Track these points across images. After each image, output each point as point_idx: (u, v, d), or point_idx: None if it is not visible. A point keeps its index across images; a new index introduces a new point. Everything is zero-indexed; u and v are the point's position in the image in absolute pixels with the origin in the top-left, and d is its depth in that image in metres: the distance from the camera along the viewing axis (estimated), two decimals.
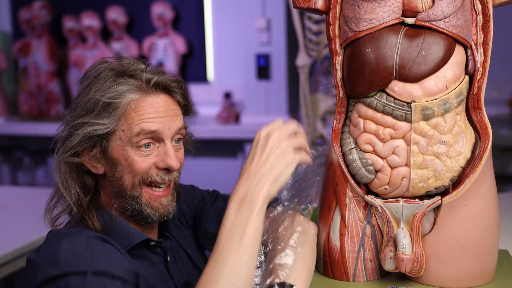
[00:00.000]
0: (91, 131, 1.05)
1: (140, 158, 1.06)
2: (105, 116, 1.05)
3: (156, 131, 1.06)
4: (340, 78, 1.09)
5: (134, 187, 1.07)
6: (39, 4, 4.47)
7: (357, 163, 1.05)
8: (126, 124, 1.06)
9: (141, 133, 1.05)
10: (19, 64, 4.63)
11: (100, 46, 4.33)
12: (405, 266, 1.02)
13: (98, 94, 1.05)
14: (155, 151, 1.08)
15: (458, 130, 1.02)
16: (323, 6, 1.09)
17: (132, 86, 1.07)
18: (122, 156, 1.06)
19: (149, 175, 1.07)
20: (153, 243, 1.13)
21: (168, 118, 1.08)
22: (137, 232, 1.11)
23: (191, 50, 4.35)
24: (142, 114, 1.06)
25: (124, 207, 1.09)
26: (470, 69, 1.04)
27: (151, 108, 1.07)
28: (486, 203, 1.04)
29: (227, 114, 3.93)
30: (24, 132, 4.52)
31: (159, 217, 1.10)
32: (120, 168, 1.07)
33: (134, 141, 1.05)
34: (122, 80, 1.07)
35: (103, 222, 1.09)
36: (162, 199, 1.10)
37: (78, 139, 1.05)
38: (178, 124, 1.10)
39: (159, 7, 4.20)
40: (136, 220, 1.11)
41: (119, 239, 1.08)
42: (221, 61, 4.35)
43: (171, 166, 1.07)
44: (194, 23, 4.37)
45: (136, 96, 1.06)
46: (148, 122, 1.05)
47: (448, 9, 0.99)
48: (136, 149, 1.06)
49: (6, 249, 1.74)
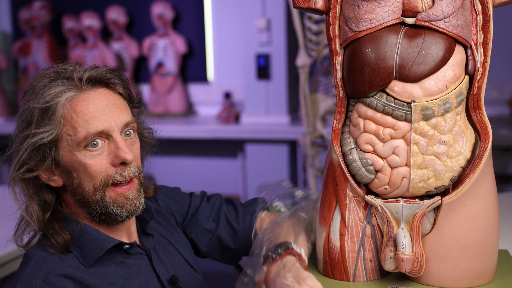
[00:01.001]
0: (36, 141, 1.02)
1: (93, 160, 1.03)
2: (45, 123, 1.02)
3: (103, 131, 1.03)
4: (340, 78, 1.09)
5: (96, 191, 1.05)
6: (39, 4, 4.46)
7: (357, 163, 1.05)
8: (71, 128, 1.03)
9: (88, 136, 1.02)
10: (19, 64, 4.63)
11: (100, 46, 4.33)
12: (405, 266, 1.02)
13: (33, 103, 1.03)
14: (106, 149, 1.05)
15: (458, 130, 1.02)
16: (323, 6, 1.09)
17: (66, 86, 1.04)
18: (74, 162, 1.04)
19: (109, 176, 1.04)
20: (127, 246, 1.11)
21: (112, 113, 1.05)
22: (107, 238, 1.08)
23: (191, 50, 4.35)
24: (84, 114, 1.02)
25: (91, 213, 1.07)
26: (470, 69, 1.04)
27: (92, 106, 1.03)
28: (486, 203, 1.04)
29: (227, 114, 3.93)
30: None
31: (128, 213, 1.07)
32: (76, 175, 1.04)
33: (82, 144, 1.02)
34: (56, 83, 1.05)
35: (72, 231, 1.06)
36: (127, 192, 1.07)
37: (26, 153, 1.03)
38: (124, 117, 1.07)
39: (159, 7, 4.19)
40: (106, 222, 1.09)
41: (90, 246, 1.06)
42: (221, 61, 4.35)
43: (124, 159, 1.03)
44: (194, 23, 4.36)
45: (71, 94, 1.03)
46: (93, 123, 1.02)
47: (448, 9, 0.99)
48: (85, 151, 1.03)
49: (6, 249, 1.74)
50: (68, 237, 1.06)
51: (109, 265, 1.08)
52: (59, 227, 1.07)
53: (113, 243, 1.08)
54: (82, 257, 1.06)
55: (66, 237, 1.06)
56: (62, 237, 1.06)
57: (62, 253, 1.06)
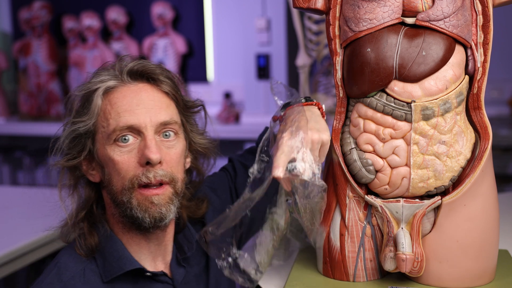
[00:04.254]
0: (74, 130, 0.99)
1: (121, 157, 0.97)
2: (84, 113, 0.99)
3: (133, 126, 0.97)
4: (340, 78, 1.09)
5: (123, 192, 0.98)
6: (39, 4, 4.47)
7: (357, 163, 1.05)
8: (104, 120, 0.99)
9: (116, 129, 0.97)
10: (19, 64, 4.63)
11: (100, 46, 4.33)
12: (405, 266, 1.02)
13: (77, 90, 1.01)
14: (136, 146, 0.98)
15: (458, 130, 1.02)
16: (323, 6, 1.09)
17: (108, 76, 1.01)
18: (105, 156, 0.99)
19: (136, 176, 0.97)
20: (148, 274, 1.04)
21: (148, 109, 0.98)
22: (130, 259, 1.02)
23: (191, 50, 4.35)
24: (118, 107, 0.98)
25: (122, 216, 1.01)
26: (470, 69, 1.04)
27: (127, 99, 0.98)
28: (486, 203, 1.04)
29: (227, 114, 3.93)
30: (24, 132, 4.52)
31: (151, 219, 0.99)
32: (107, 171, 1.00)
33: (112, 138, 0.97)
34: (100, 73, 1.02)
35: (100, 237, 1.02)
36: (154, 197, 0.98)
37: (66, 141, 1.00)
38: (162, 116, 1.00)
39: (159, 7, 4.20)
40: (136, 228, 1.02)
41: (112, 262, 1.01)
42: (221, 61, 4.35)
43: (149, 158, 0.96)
44: (194, 23, 4.37)
45: (110, 85, 0.99)
46: (124, 116, 0.97)
47: (448, 9, 0.99)
48: (114, 146, 0.98)
49: (6, 249, 1.74)
50: (96, 242, 1.02)
51: (127, 286, 1.03)
52: (88, 229, 1.02)
53: (134, 266, 1.02)
54: (103, 268, 1.02)
55: (94, 242, 1.02)
56: (90, 241, 1.01)
57: (87, 257, 1.02)
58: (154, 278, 1.05)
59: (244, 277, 1.08)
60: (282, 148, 0.94)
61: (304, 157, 0.94)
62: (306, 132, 0.95)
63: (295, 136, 0.95)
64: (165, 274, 1.07)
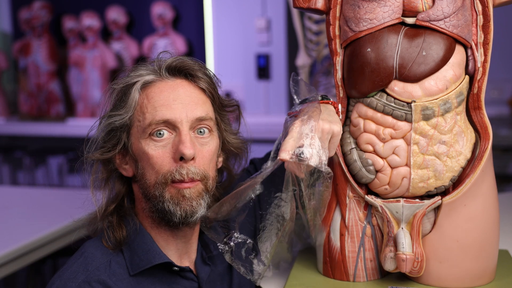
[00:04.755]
0: (110, 123, 1.00)
1: (156, 152, 0.98)
2: (121, 106, 1.00)
3: (169, 120, 0.98)
4: (340, 78, 1.09)
5: (156, 186, 0.99)
6: (39, 4, 4.46)
7: (357, 163, 1.05)
8: (140, 114, 0.99)
9: (152, 123, 0.98)
10: (19, 64, 4.63)
11: (100, 46, 4.33)
12: (405, 266, 1.02)
13: (115, 83, 1.02)
14: (171, 140, 0.99)
15: (458, 130, 1.02)
16: (323, 6, 1.09)
17: (146, 70, 1.02)
18: (139, 150, 1.00)
19: (169, 172, 0.98)
20: (176, 269, 1.04)
21: (184, 104, 0.99)
22: (159, 253, 1.02)
23: (191, 50, 4.35)
24: (155, 101, 0.98)
25: (151, 209, 1.02)
26: (470, 69, 1.04)
27: (165, 94, 0.99)
28: (486, 203, 1.04)
29: None
30: (24, 132, 4.52)
31: (183, 212, 0.99)
32: (141, 165, 1.00)
33: (147, 131, 0.98)
34: (139, 67, 1.03)
35: (128, 230, 1.03)
36: (185, 190, 0.98)
37: (102, 134, 1.01)
38: (198, 111, 1.00)
39: (159, 7, 4.20)
40: (166, 224, 1.02)
41: (140, 255, 1.02)
42: (221, 61, 4.35)
43: (182, 153, 0.96)
44: (194, 23, 4.36)
45: (148, 79, 1.00)
46: (161, 110, 0.98)
47: (448, 9, 0.99)
48: (149, 140, 0.99)
49: (6, 249, 1.74)
50: (124, 235, 1.02)
51: (153, 281, 1.03)
52: (117, 222, 1.03)
53: (162, 260, 1.02)
54: (130, 261, 1.02)
55: (122, 235, 1.02)
56: (119, 233, 1.02)
57: (114, 249, 1.02)
58: (180, 274, 1.06)
59: (246, 267, 1.08)
60: (292, 134, 0.97)
61: (312, 144, 0.96)
62: (317, 120, 0.98)
63: (306, 124, 0.97)
64: (191, 270, 1.07)
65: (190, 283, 1.07)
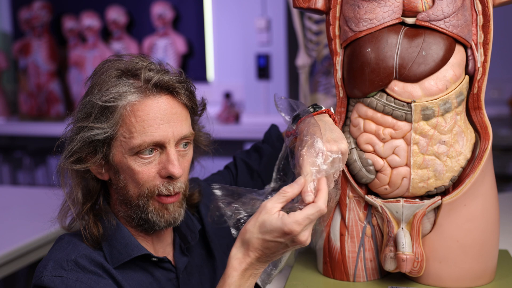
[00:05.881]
0: (91, 136, 1.00)
1: (142, 168, 1.00)
2: (103, 120, 1.00)
3: (159, 142, 1.00)
4: (340, 78, 1.09)
5: (140, 198, 1.03)
6: (39, 4, 4.47)
7: (357, 163, 1.05)
8: (127, 131, 1.00)
9: (142, 145, 0.99)
10: (19, 64, 4.63)
11: (100, 46, 4.33)
12: (405, 266, 1.02)
13: (96, 97, 1.00)
14: (157, 158, 1.02)
15: (458, 130, 1.02)
16: (323, 6, 1.09)
17: (130, 87, 1.01)
18: (123, 164, 1.01)
19: (155, 187, 1.02)
20: (154, 259, 1.08)
21: (171, 124, 1.01)
22: (137, 246, 1.06)
23: (191, 50, 4.35)
24: (143, 121, 0.99)
25: (130, 215, 1.05)
26: (470, 69, 1.04)
27: (152, 113, 1.00)
28: (486, 203, 1.04)
29: (227, 114, 3.93)
30: (24, 132, 4.52)
31: (166, 223, 1.05)
32: (123, 177, 1.02)
33: (134, 151, 1.00)
34: (122, 81, 1.02)
35: (105, 228, 1.05)
36: (169, 205, 1.04)
37: (79, 144, 1.01)
38: (183, 129, 1.03)
39: (159, 7, 4.20)
40: (143, 228, 1.07)
41: (119, 249, 1.04)
42: (221, 61, 4.35)
43: (173, 174, 1.00)
44: (194, 23, 4.37)
45: (134, 98, 1.00)
46: (150, 132, 0.99)
47: (448, 9, 0.99)
48: (136, 157, 1.00)
49: (6, 249, 1.74)
50: (100, 233, 1.04)
51: (135, 270, 1.06)
52: (94, 221, 1.05)
53: (141, 252, 1.05)
54: (110, 256, 1.04)
55: (99, 232, 1.04)
56: (95, 231, 1.04)
57: (93, 247, 1.04)
58: (159, 265, 1.09)
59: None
60: (305, 170, 0.95)
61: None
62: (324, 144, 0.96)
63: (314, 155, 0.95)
64: (169, 261, 1.11)
65: (168, 273, 1.11)
